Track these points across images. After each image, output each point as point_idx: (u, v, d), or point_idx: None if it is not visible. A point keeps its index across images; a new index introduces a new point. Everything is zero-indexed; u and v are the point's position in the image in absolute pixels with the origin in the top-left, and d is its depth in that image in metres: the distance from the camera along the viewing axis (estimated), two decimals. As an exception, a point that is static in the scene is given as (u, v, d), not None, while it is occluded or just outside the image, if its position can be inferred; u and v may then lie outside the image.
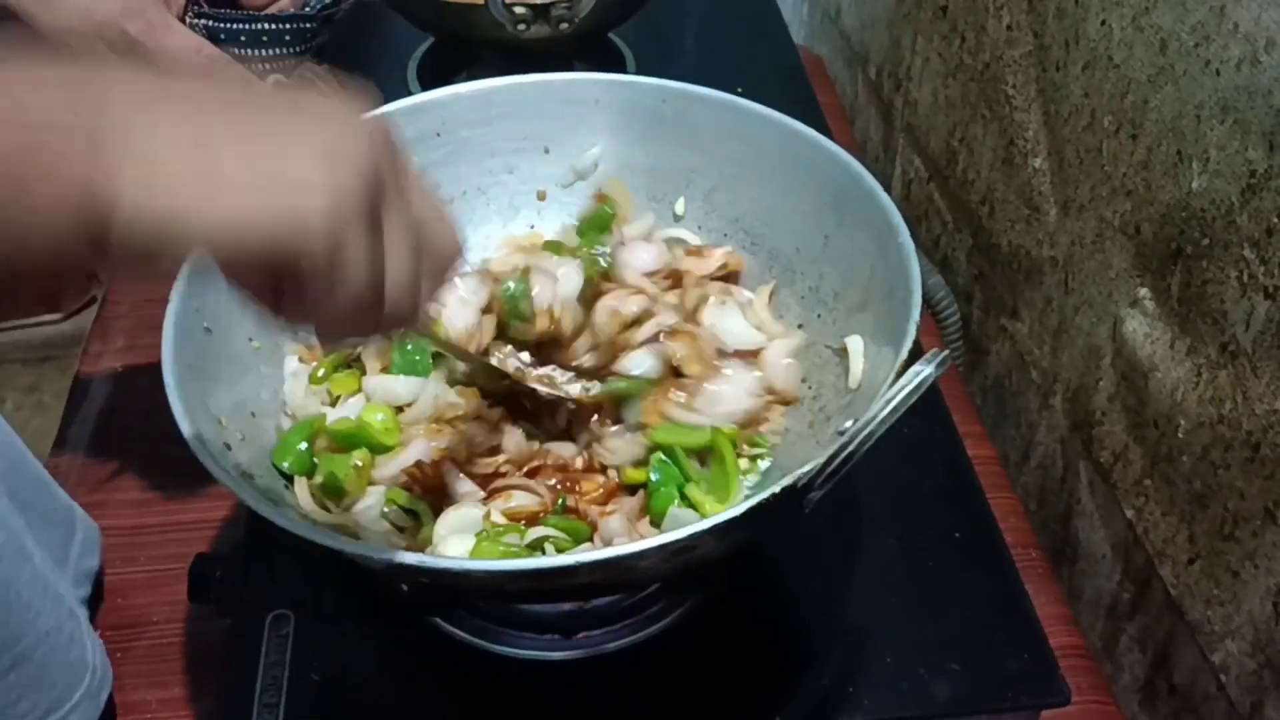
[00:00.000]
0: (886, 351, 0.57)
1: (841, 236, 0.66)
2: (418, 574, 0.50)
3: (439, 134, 0.74)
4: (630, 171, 0.76)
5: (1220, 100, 0.60)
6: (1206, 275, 0.63)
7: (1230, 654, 0.64)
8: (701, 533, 0.47)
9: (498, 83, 0.74)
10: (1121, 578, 0.76)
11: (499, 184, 0.77)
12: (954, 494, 0.72)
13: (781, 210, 0.71)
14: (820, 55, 1.34)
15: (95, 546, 0.74)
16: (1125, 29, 0.68)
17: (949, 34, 0.95)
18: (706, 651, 0.63)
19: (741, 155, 0.72)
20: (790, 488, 0.47)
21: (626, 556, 0.47)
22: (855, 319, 0.65)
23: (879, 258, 0.61)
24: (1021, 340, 0.88)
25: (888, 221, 0.61)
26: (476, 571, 0.50)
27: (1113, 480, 0.75)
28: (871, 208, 0.63)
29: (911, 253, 0.58)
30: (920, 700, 0.61)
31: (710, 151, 0.73)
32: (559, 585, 0.52)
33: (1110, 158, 0.71)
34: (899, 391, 0.48)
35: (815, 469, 0.48)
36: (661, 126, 0.74)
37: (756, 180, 0.71)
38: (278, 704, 0.60)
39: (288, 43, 0.68)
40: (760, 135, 0.70)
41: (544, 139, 0.76)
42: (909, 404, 0.48)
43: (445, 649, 0.64)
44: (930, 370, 0.48)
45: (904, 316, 0.55)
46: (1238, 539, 0.63)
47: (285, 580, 0.66)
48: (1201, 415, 0.64)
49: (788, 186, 0.69)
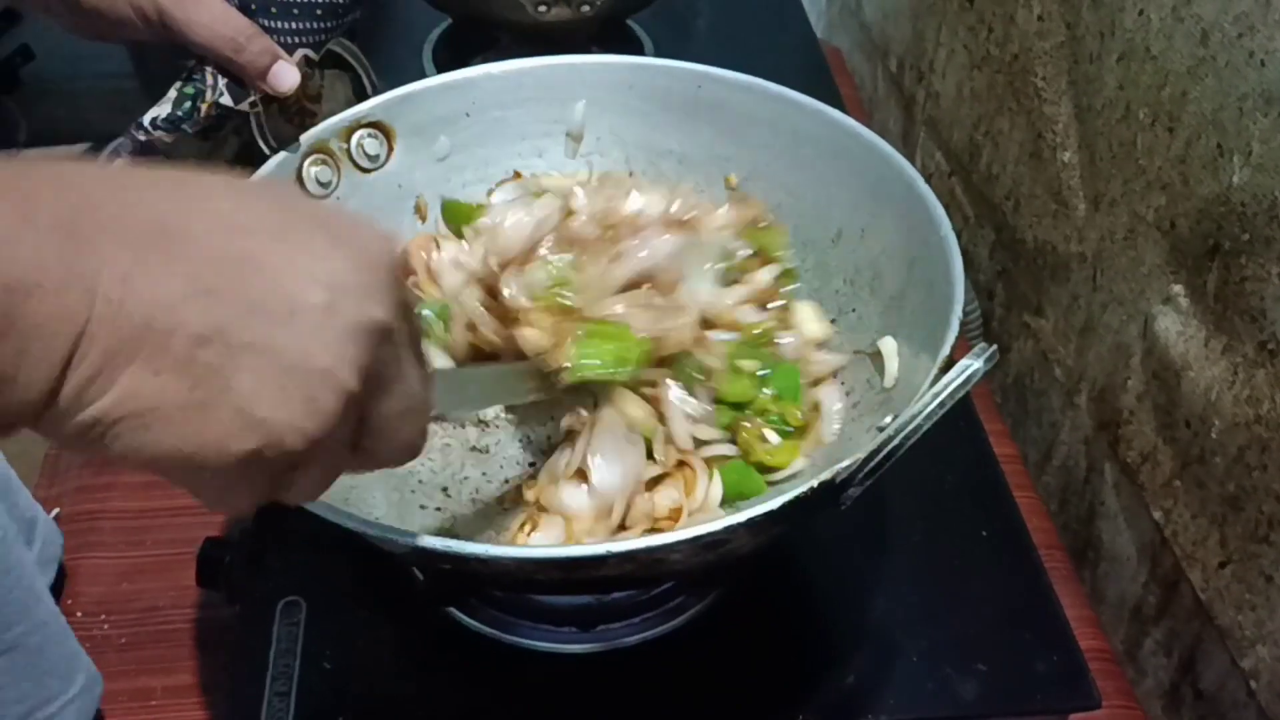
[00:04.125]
0: (924, 348, 0.56)
1: (879, 228, 0.65)
2: (440, 559, 0.48)
3: (469, 114, 0.72)
4: (661, 158, 0.74)
5: (1264, 92, 0.58)
6: (1245, 272, 0.61)
7: (1262, 660, 0.63)
8: (736, 526, 0.45)
9: (530, 63, 0.73)
10: (1148, 580, 0.74)
11: (528, 168, 0.75)
12: (980, 492, 0.71)
13: (817, 201, 0.69)
14: (839, 47, 1.33)
15: (55, 560, 0.72)
16: (1164, 20, 0.67)
17: (975, 25, 0.94)
18: (727, 647, 0.62)
19: (777, 143, 0.70)
20: (829, 483, 0.46)
21: (657, 548, 0.46)
22: (890, 316, 0.63)
23: (920, 251, 0.60)
24: (1045, 338, 0.87)
25: (929, 214, 0.59)
26: (502, 558, 0.48)
27: (1140, 481, 0.74)
28: (912, 199, 0.61)
29: (954, 246, 0.56)
30: (946, 701, 0.60)
31: (745, 139, 0.71)
32: (587, 576, 0.51)
33: (1145, 151, 0.70)
34: (947, 386, 0.47)
35: (856, 464, 0.46)
36: (695, 112, 0.72)
37: (792, 169, 0.70)
38: (289, 692, 0.59)
39: (319, 16, 0.67)
40: (798, 123, 0.68)
41: (574, 123, 0.74)
42: (956, 399, 0.46)
43: (460, 639, 0.63)
44: (979, 365, 0.47)
45: (945, 311, 0.54)
46: (1272, 542, 0.61)
47: (296, 566, 0.65)
48: (1237, 415, 0.63)
49: (825, 176, 0.68)
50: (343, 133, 0.68)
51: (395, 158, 0.71)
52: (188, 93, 0.64)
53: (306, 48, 0.67)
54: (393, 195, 0.71)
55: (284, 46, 0.65)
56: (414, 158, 0.71)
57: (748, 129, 0.71)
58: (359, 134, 0.69)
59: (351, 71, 0.77)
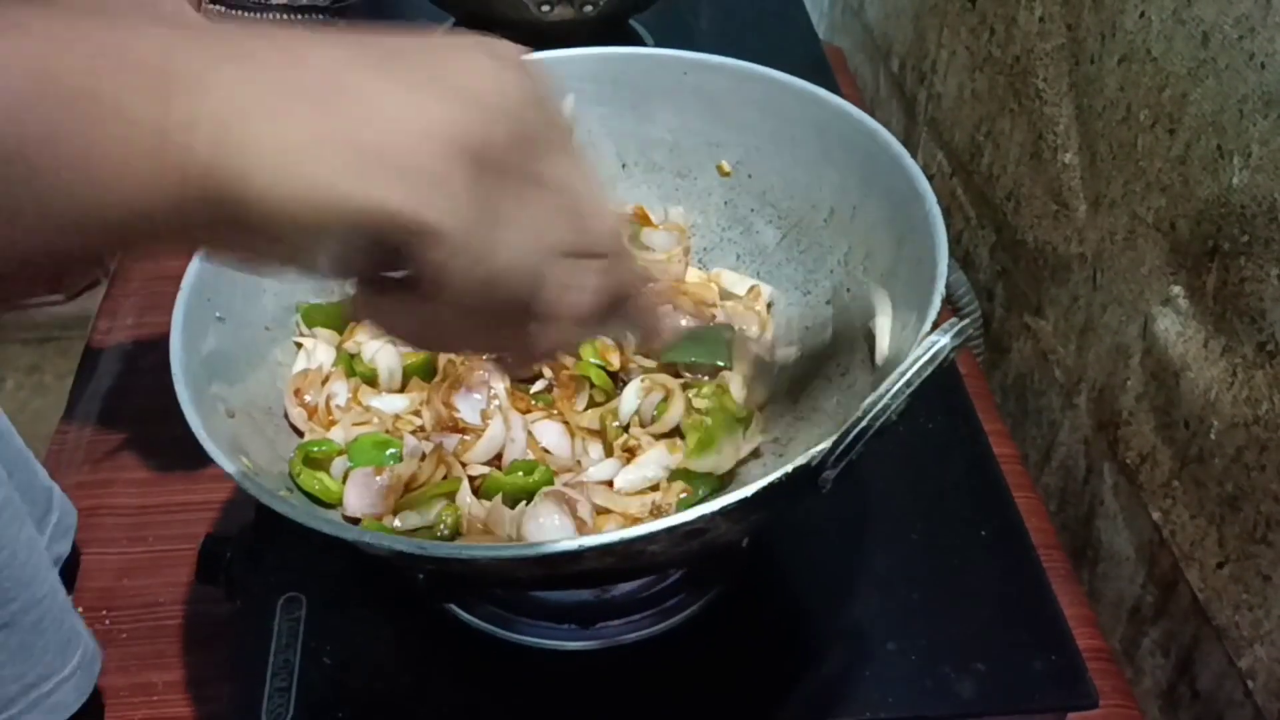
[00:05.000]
0: (913, 326, 0.55)
1: (870, 206, 0.64)
2: (421, 561, 0.49)
3: None
4: (652, 148, 0.74)
5: (1265, 94, 0.59)
6: (1245, 273, 0.61)
7: (1259, 659, 0.63)
8: (713, 514, 0.45)
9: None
10: (1145, 580, 0.74)
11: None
12: (980, 491, 0.71)
13: (809, 182, 0.69)
14: (841, 48, 1.33)
15: (70, 531, 0.72)
16: (1165, 21, 0.67)
17: (977, 26, 0.94)
18: (726, 645, 0.62)
19: (766, 126, 0.70)
20: (804, 467, 0.45)
21: (634, 539, 0.45)
22: (882, 295, 0.63)
23: (907, 227, 0.59)
24: (1045, 338, 0.87)
25: (914, 189, 0.59)
26: (481, 558, 0.48)
27: (1139, 481, 0.74)
28: (898, 175, 0.60)
29: (938, 219, 0.56)
30: (944, 699, 0.60)
31: (735, 123, 0.71)
32: (566, 571, 0.51)
33: (1145, 153, 0.70)
34: (914, 364, 0.45)
35: (828, 448, 0.45)
36: (684, 100, 0.72)
37: (782, 151, 0.70)
38: (289, 688, 0.59)
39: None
40: (785, 105, 0.68)
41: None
42: (924, 376, 0.45)
43: (461, 636, 0.63)
44: (946, 340, 0.45)
45: (929, 287, 0.53)
46: (1270, 542, 0.61)
47: (297, 562, 0.65)
48: (1236, 416, 0.63)
49: (815, 157, 0.68)
50: None
51: None
52: None
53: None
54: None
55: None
56: None
57: (737, 113, 0.70)
58: None
59: None
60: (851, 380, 0.63)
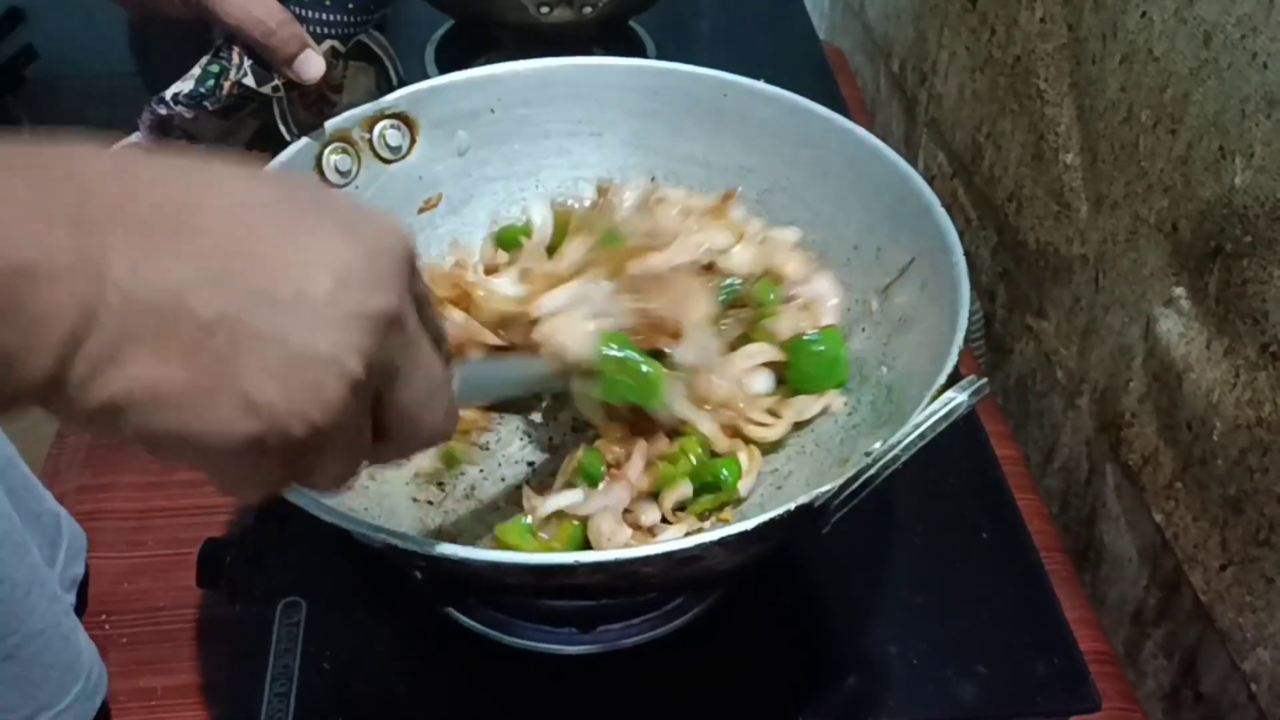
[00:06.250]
0: (925, 373, 0.55)
1: (895, 250, 0.64)
2: (416, 559, 0.48)
3: (494, 110, 0.72)
4: (682, 164, 0.74)
5: (1267, 94, 0.58)
6: (1247, 274, 0.61)
7: (1262, 662, 0.63)
8: (710, 544, 0.44)
9: (556, 63, 0.72)
10: (1148, 583, 0.74)
11: (550, 168, 0.74)
12: (982, 493, 0.71)
13: (836, 218, 0.68)
14: (841, 48, 1.33)
15: (82, 553, 0.72)
16: (1167, 21, 0.67)
17: (978, 27, 0.94)
18: (728, 649, 0.62)
19: (801, 158, 0.69)
20: (806, 507, 0.45)
21: (627, 561, 0.45)
22: (899, 339, 0.62)
23: (931, 275, 0.59)
24: (1047, 339, 0.86)
25: (943, 241, 0.58)
26: (475, 561, 0.48)
27: (1141, 483, 0.74)
28: (927, 224, 0.60)
29: (964, 275, 0.55)
30: (946, 703, 0.60)
31: (768, 151, 0.70)
32: (560, 584, 0.50)
33: (1147, 153, 0.70)
34: (929, 418, 0.45)
35: (833, 491, 0.45)
36: (719, 121, 0.71)
37: (814, 185, 0.69)
38: (289, 693, 0.59)
39: (350, 10, 0.66)
40: (823, 139, 0.68)
41: (599, 124, 0.74)
42: (938, 431, 0.45)
43: (460, 640, 0.62)
44: (964, 399, 0.46)
45: (948, 339, 0.53)
46: (1273, 545, 0.61)
47: (297, 567, 0.65)
48: (1239, 418, 0.63)
49: (845, 194, 0.67)
50: (365, 122, 0.68)
51: (418, 150, 0.70)
52: (212, 70, 0.64)
53: (335, 39, 0.66)
54: (413, 187, 0.71)
55: (313, 36, 0.65)
56: (436, 151, 0.71)
57: (771, 141, 0.70)
58: (382, 124, 0.69)
59: (377, 64, 0.77)
60: (858, 420, 0.63)
